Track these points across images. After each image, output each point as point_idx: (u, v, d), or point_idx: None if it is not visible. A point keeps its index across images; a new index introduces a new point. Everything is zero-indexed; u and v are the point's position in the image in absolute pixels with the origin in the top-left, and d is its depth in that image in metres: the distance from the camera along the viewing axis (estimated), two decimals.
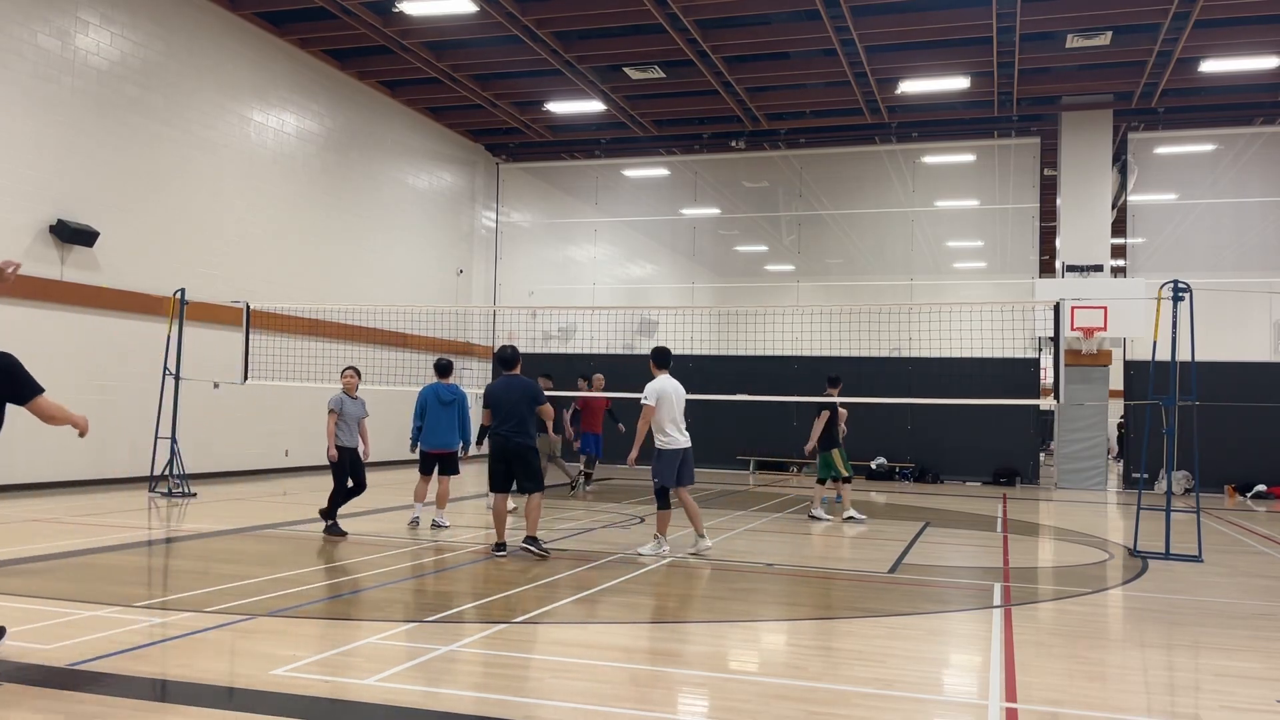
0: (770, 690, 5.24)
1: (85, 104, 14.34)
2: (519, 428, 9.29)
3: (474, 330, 24.70)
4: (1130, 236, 21.15)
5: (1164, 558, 10.15)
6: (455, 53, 18.80)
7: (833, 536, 11.91)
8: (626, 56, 18.62)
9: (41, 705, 4.59)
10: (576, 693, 5.08)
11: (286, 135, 18.30)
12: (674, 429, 9.70)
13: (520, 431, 9.30)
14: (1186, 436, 14.35)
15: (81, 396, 14.23)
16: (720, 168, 24.73)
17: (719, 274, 27.73)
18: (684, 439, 9.80)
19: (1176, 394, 10.46)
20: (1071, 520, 14.56)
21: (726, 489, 17.93)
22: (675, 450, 9.70)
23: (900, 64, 18.40)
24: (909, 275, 23.20)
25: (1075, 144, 20.87)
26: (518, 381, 9.52)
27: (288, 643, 5.89)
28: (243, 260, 17.11)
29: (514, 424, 9.28)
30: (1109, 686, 5.55)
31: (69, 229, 13.83)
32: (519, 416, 9.29)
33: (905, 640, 6.49)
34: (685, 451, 9.82)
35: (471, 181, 24.69)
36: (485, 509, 12.20)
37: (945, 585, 8.75)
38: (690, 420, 10.18)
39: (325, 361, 16.87)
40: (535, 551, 9.11)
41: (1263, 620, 7.42)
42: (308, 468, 18.52)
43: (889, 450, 21.61)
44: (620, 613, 7.24)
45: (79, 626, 6.08)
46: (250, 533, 10.60)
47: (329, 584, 7.81)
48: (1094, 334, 19.12)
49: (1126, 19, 16.42)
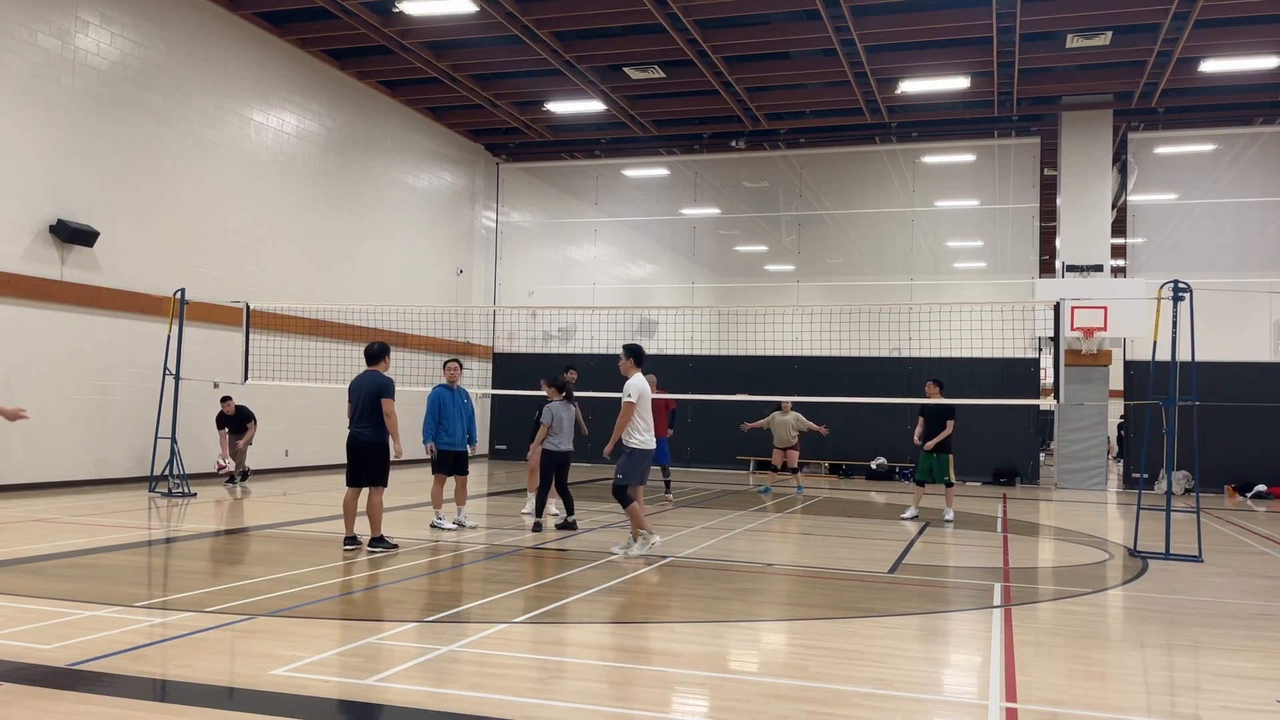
0: (770, 690, 5.24)
1: (85, 104, 14.34)
2: (365, 422, 9.45)
3: (474, 330, 24.70)
4: (1130, 236, 21.15)
5: (1164, 558, 10.15)
6: (455, 53, 18.80)
7: (833, 537, 11.91)
8: (626, 56, 18.62)
9: (41, 705, 4.59)
10: (576, 693, 5.08)
11: (286, 135, 18.30)
12: (647, 429, 9.70)
13: (368, 427, 9.43)
14: (1186, 436, 14.34)
15: (81, 396, 14.24)
16: (720, 168, 24.73)
17: (719, 274, 27.73)
18: (654, 440, 9.81)
19: (1176, 394, 10.46)
20: (1071, 520, 14.56)
21: (727, 489, 17.93)
22: (646, 450, 9.70)
23: (900, 64, 18.40)
24: (909, 275, 23.20)
25: (1075, 144, 20.88)
26: (369, 377, 9.60)
27: (288, 643, 5.89)
28: (243, 260, 17.11)
29: (362, 420, 9.46)
30: (1109, 686, 5.55)
31: (69, 229, 13.83)
32: (364, 411, 9.45)
33: (905, 640, 6.49)
34: (653, 453, 9.85)
35: (471, 181, 24.69)
36: (489, 511, 12.19)
37: (945, 585, 8.75)
38: (690, 420, 10.17)
39: (325, 361, 16.89)
40: (382, 550, 9.25)
41: (1263, 620, 7.42)
42: (308, 468, 18.54)
43: (889, 450, 21.61)
44: (620, 613, 7.24)
45: (79, 626, 6.07)
46: (250, 533, 10.60)
47: (329, 584, 7.81)
48: (1094, 334, 19.12)
49: (1126, 19, 16.42)
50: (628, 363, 9.79)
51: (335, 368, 16.49)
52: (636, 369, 9.78)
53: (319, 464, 18.73)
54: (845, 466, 22.25)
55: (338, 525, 11.30)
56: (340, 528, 10.39)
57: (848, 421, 20.84)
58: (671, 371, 20.44)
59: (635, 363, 9.80)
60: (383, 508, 9.64)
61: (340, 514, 10.67)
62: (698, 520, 12.77)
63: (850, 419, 20.75)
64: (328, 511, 12.56)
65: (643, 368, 9.87)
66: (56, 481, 13.89)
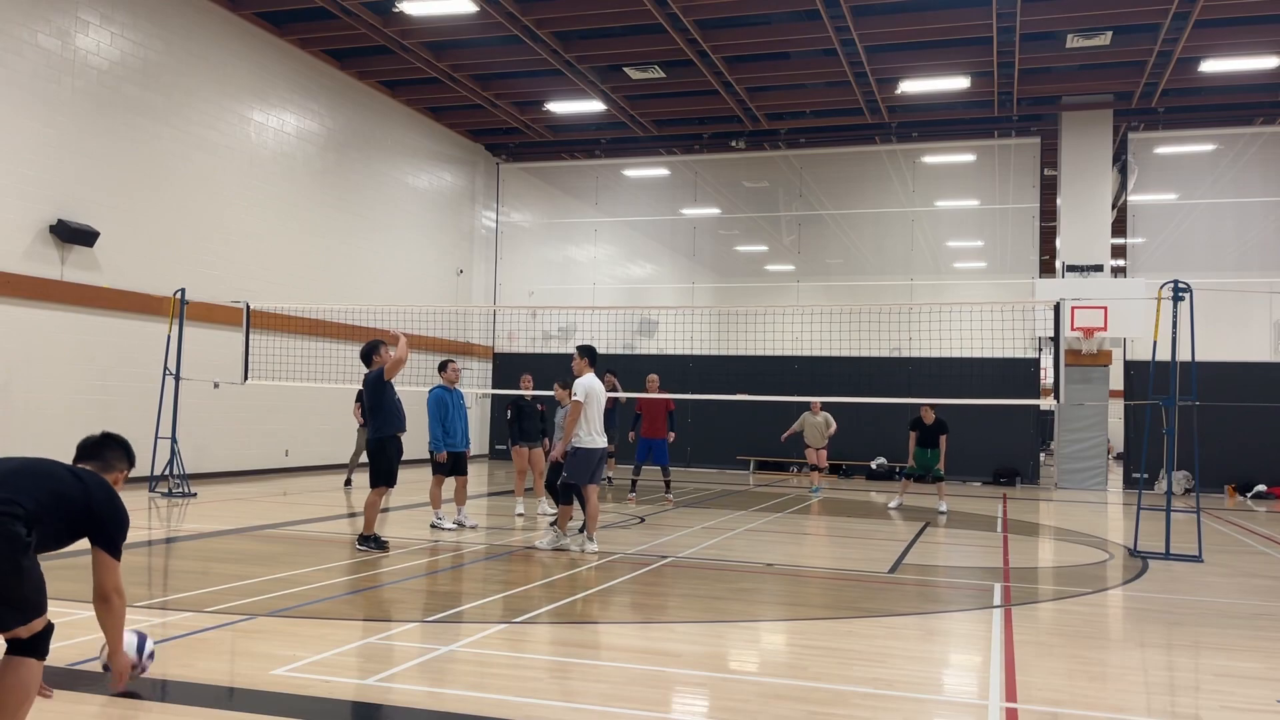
0: (770, 690, 5.24)
1: (85, 104, 14.34)
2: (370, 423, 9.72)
3: (474, 330, 24.70)
4: (1130, 236, 21.15)
5: (1164, 558, 10.15)
6: (455, 53, 18.80)
7: (833, 537, 11.91)
8: (626, 56, 18.62)
9: (41, 705, 4.59)
10: (576, 693, 5.08)
11: (286, 135, 18.30)
12: (595, 429, 9.72)
13: (371, 427, 9.69)
14: (1187, 436, 14.34)
15: (82, 396, 14.24)
16: (720, 168, 24.73)
17: (719, 274, 27.72)
18: (602, 440, 9.84)
19: (1176, 394, 10.46)
20: (1071, 520, 14.56)
21: (727, 489, 17.93)
22: (594, 450, 9.73)
23: (900, 64, 18.40)
24: (909, 275, 23.20)
25: (1075, 144, 20.88)
26: (366, 379, 9.73)
27: (288, 643, 5.89)
28: (243, 260, 17.11)
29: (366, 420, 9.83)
30: (1109, 686, 5.55)
31: (69, 229, 13.83)
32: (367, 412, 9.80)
33: (905, 640, 6.49)
34: (602, 452, 9.88)
35: (471, 181, 24.69)
36: (489, 511, 12.17)
37: (945, 585, 8.75)
38: (690, 420, 10.19)
39: (325, 361, 16.89)
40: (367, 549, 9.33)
41: (1263, 620, 7.42)
42: (308, 468, 18.53)
43: (889, 450, 21.60)
44: (620, 613, 7.24)
45: (79, 626, 6.07)
46: (250, 533, 10.60)
47: (329, 584, 7.81)
48: (1094, 334, 19.12)
49: (1126, 19, 16.42)
50: (581, 362, 9.87)
51: (335, 368, 16.49)
52: (589, 369, 9.84)
53: (319, 464, 18.72)
54: (845, 466, 22.25)
55: (338, 525, 11.32)
56: (341, 528, 10.40)
57: (848, 421, 20.79)
58: (671, 371, 20.44)
59: (589, 362, 9.88)
60: (377, 508, 9.63)
61: (356, 514, 10.68)
62: (698, 520, 12.78)
63: (850, 419, 20.72)
64: (328, 511, 12.56)
65: (596, 368, 9.94)
66: None
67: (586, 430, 9.64)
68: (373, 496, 9.57)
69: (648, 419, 14.80)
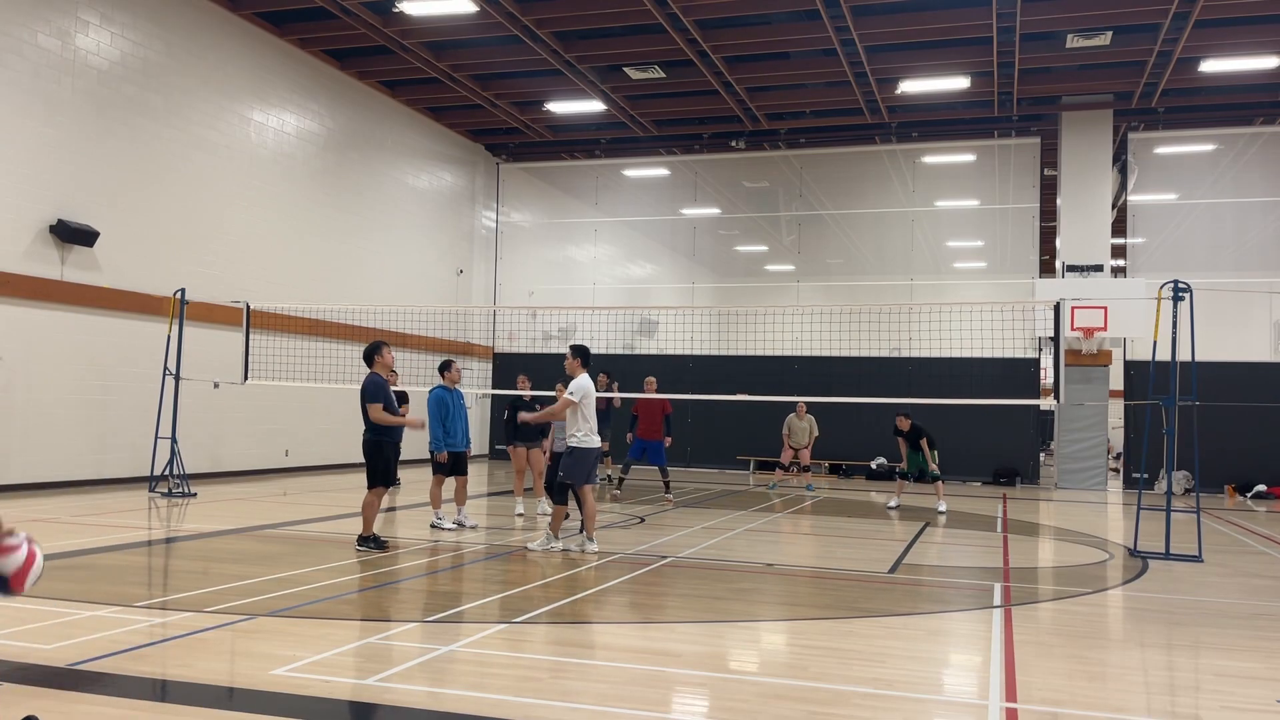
0: (770, 690, 5.24)
1: (85, 104, 14.34)
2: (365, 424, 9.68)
3: (474, 330, 24.70)
4: (1130, 236, 21.15)
5: (1164, 558, 10.15)
6: (455, 53, 18.80)
7: (833, 537, 11.91)
8: (626, 56, 18.62)
9: (41, 705, 4.59)
10: (576, 693, 5.08)
11: (286, 135, 18.30)
12: (591, 428, 9.74)
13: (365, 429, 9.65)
14: (1186, 436, 14.34)
15: (81, 396, 14.24)
16: (720, 168, 24.73)
17: (719, 274, 27.72)
18: (598, 440, 9.86)
19: (1176, 394, 10.46)
20: (1071, 520, 14.56)
21: (726, 489, 17.92)
22: (592, 449, 9.75)
23: (900, 64, 18.40)
24: (909, 275, 23.19)
25: (1075, 144, 20.88)
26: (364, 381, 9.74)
27: (288, 643, 5.89)
28: (243, 260, 17.11)
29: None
30: (1109, 686, 5.55)
31: (69, 229, 13.83)
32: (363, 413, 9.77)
33: (905, 640, 6.49)
34: (598, 451, 9.90)
35: (471, 181, 24.69)
36: (489, 510, 12.16)
37: (945, 585, 8.75)
38: (690, 420, 10.20)
39: (325, 361, 16.89)
40: (366, 549, 9.33)
41: (1263, 620, 7.42)
42: (308, 468, 18.54)
43: (889, 450, 21.57)
44: (620, 613, 7.24)
45: (79, 626, 6.07)
46: (250, 533, 10.60)
47: (329, 584, 7.81)
48: (1094, 334, 19.13)
49: (1126, 19, 16.42)
50: (574, 363, 9.90)
51: (335, 368, 16.50)
52: (583, 369, 9.87)
53: (319, 464, 18.73)
54: (845, 466, 22.25)
55: (338, 525, 11.31)
56: (340, 527, 10.41)
57: (848, 421, 20.86)
58: (671, 372, 20.45)
59: (582, 363, 9.90)
60: (375, 508, 9.61)
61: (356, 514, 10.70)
62: (698, 520, 12.78)
63: (850, 419, 20.77)
64: (328, 511, 12.56)
65: (589, 368, 9.96)
66: (56, 481, 13.89)
67: (584, 430, 9.65)
68: (370, 497, 9.57)
69: (644, 420, 14.86)
